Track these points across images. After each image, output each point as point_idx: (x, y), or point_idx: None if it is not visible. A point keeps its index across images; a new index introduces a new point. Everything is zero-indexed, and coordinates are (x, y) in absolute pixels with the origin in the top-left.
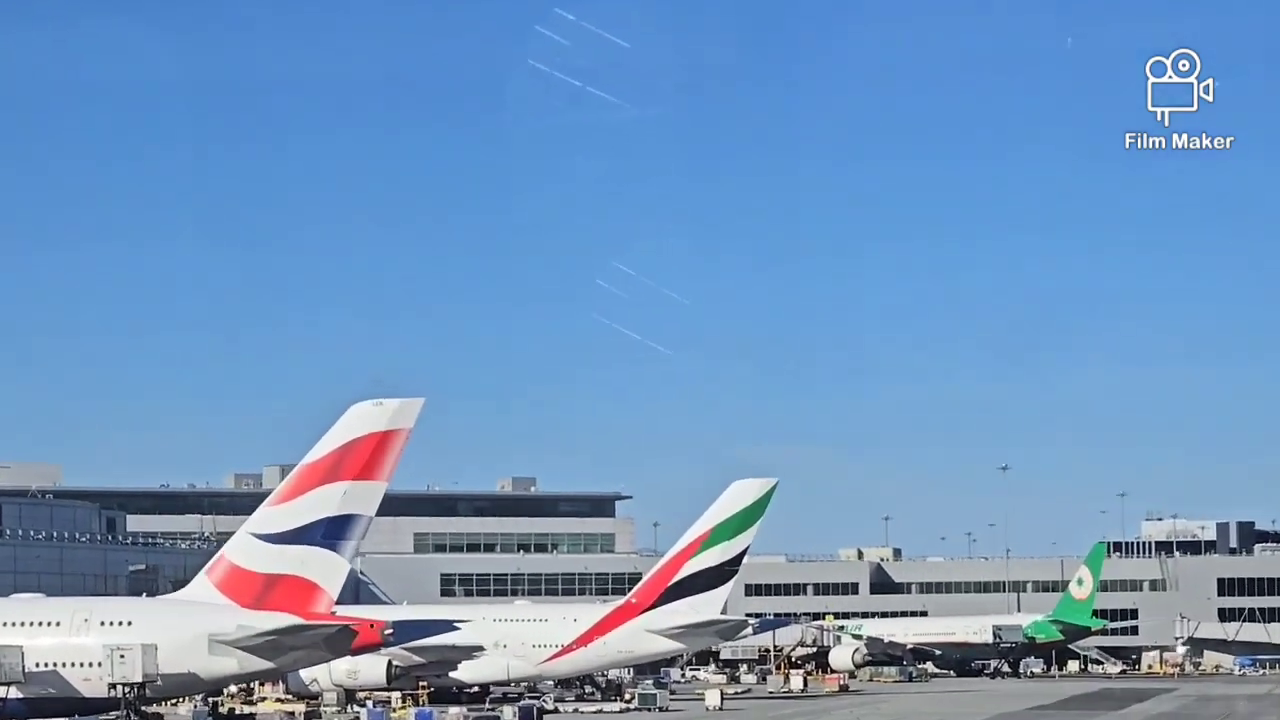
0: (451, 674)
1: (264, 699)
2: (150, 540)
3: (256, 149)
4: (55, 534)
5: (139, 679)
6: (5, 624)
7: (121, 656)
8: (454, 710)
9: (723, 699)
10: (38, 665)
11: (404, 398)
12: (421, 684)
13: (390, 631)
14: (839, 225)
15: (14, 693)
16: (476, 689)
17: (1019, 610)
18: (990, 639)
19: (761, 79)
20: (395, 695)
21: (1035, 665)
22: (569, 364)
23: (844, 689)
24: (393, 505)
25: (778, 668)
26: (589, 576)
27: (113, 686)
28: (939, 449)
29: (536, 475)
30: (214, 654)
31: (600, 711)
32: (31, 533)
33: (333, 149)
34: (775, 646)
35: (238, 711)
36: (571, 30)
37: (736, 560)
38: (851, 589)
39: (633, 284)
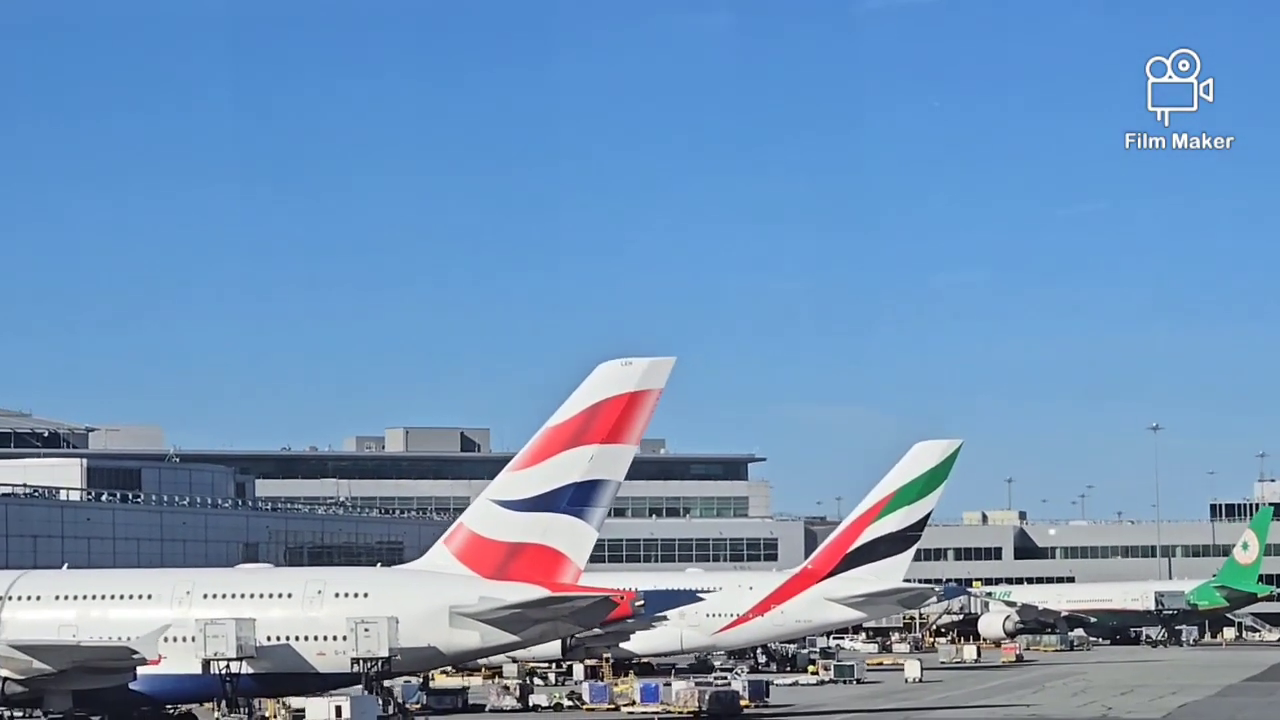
0: (624, 645)
1: (472, 671)
2: (289, 505)
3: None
4: (199, 500)
5: (385, 654)
6: (235, 595)
7: (366, 630)
8: (679, 685)
9: (922, 670)
10: (269, 639)
11: (654, 357)
12: (604, 656)
13: (642, 603)
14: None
15: (244, 668)
16: (646, 660)
17: (1170, 576)
18: (1151, 606)
19: None
20: (573, 665)
21: (1192, 633)
22: (696, 324)
23: (1019, 659)
24: None
25: (922, 637)
26: (724, 542)
27: (355, 662)
28: (1062, 408)
29: (665, 437)
30: (455, 627)
31: (796, 684)
32: (177, 498)
33: None
34: (920, 614)
35: (447, 685)
36: None
37: (919, 525)
38: (994, 554)
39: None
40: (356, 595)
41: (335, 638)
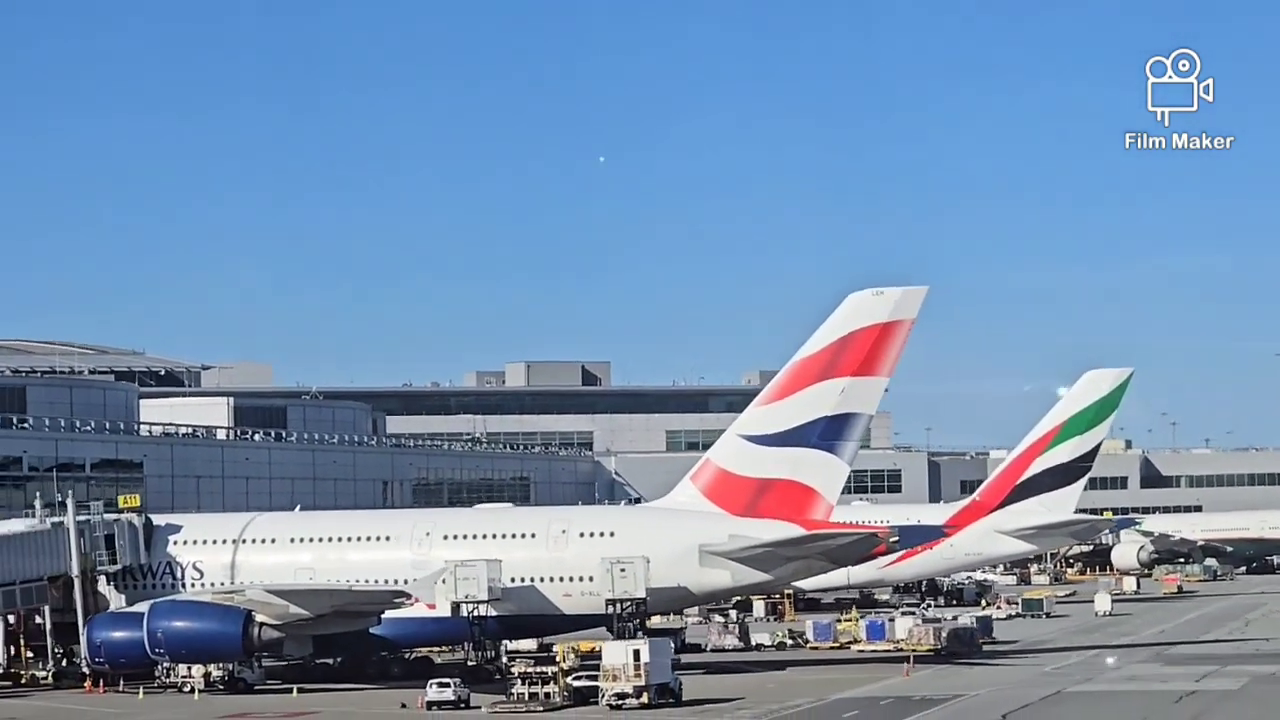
0: (793, 581)
1: None
2: (429, 441)
3: None
4: (345, 438)
5: (642, 595)
6: (477, 536)
7: (622, 570)
8: (905, 621)
9: (1112, 603)
10: (513, 580)
11: (905, 286)
12: (785, 593)
13: (896, 538)
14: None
15: (489, 610)
16: (813, 595)
17: None
18: None
19: None
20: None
21: None
22: (807, 258)
23: (1180, 590)
24: (643, 402)
25: (1055, 568)
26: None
27: (611, 603)
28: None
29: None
30: (705, 566)
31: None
32: (325, 437)
33: None
34: None
35: (662, 626)
36: None
37: (1090, 455)
38: (1120, 483)
39: None
40: (602, 534)
41: (582, 578)
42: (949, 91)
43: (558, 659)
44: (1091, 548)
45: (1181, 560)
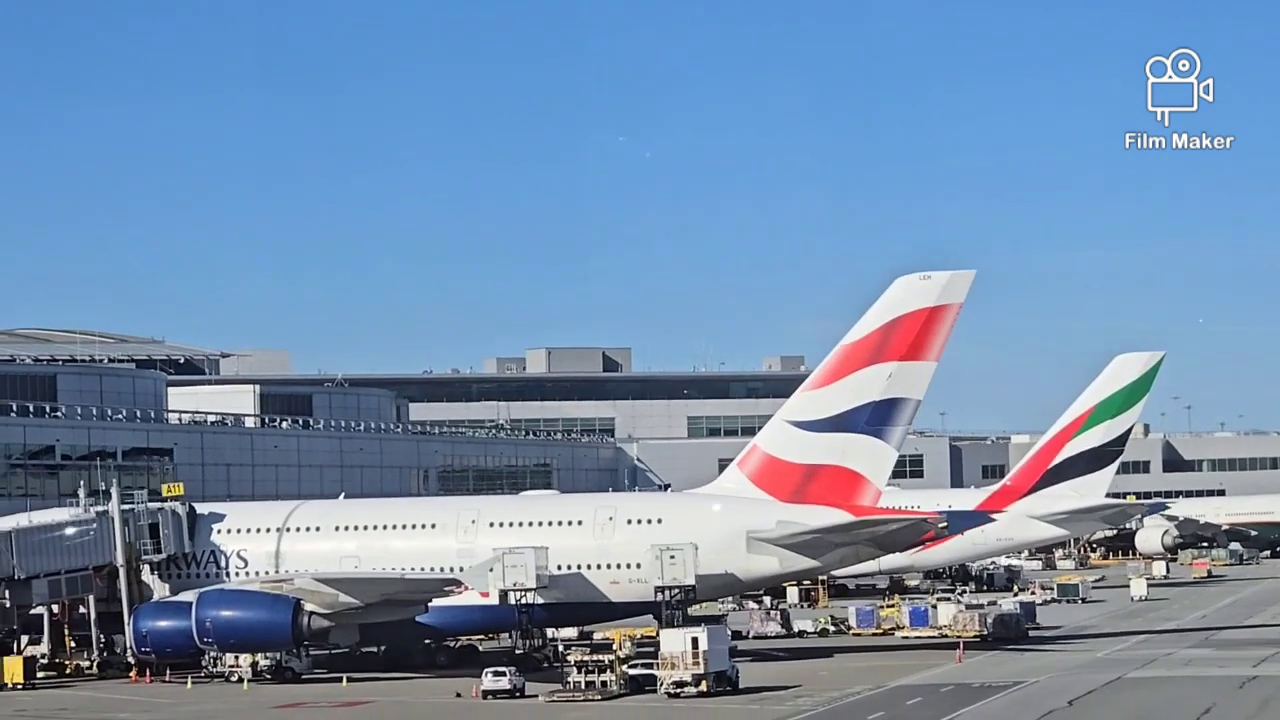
0: (841, 568)
1: None
2: (454, 428)
3: None
4: (371, 425)
5: (691, 582)
6: (522, 523)
7: (671, 557)
8: (946, 607)
9: (1148, 587)
10: (559, 568)
11: (953, 270)
12: (820, 579)
13: (945, 524)
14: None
15: (536, 598)
16: (841, 581)
17: None
18: None
19: None
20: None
21: None
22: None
23: (1210, 574)
24: (664, 388)
25: (1079, 552)
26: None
27: (660, 590)
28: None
29: (804, 353)
30: (753, 553)
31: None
32: (353, 424)
33: None
34: None
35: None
36: None
37: (1121, 440)
38: (1143, 467)
39: None
40: (649, 521)
41: (630, 565)
42: (948, 90)
43: (614, 647)
44: (1115, 532)
45: (1204, 545)
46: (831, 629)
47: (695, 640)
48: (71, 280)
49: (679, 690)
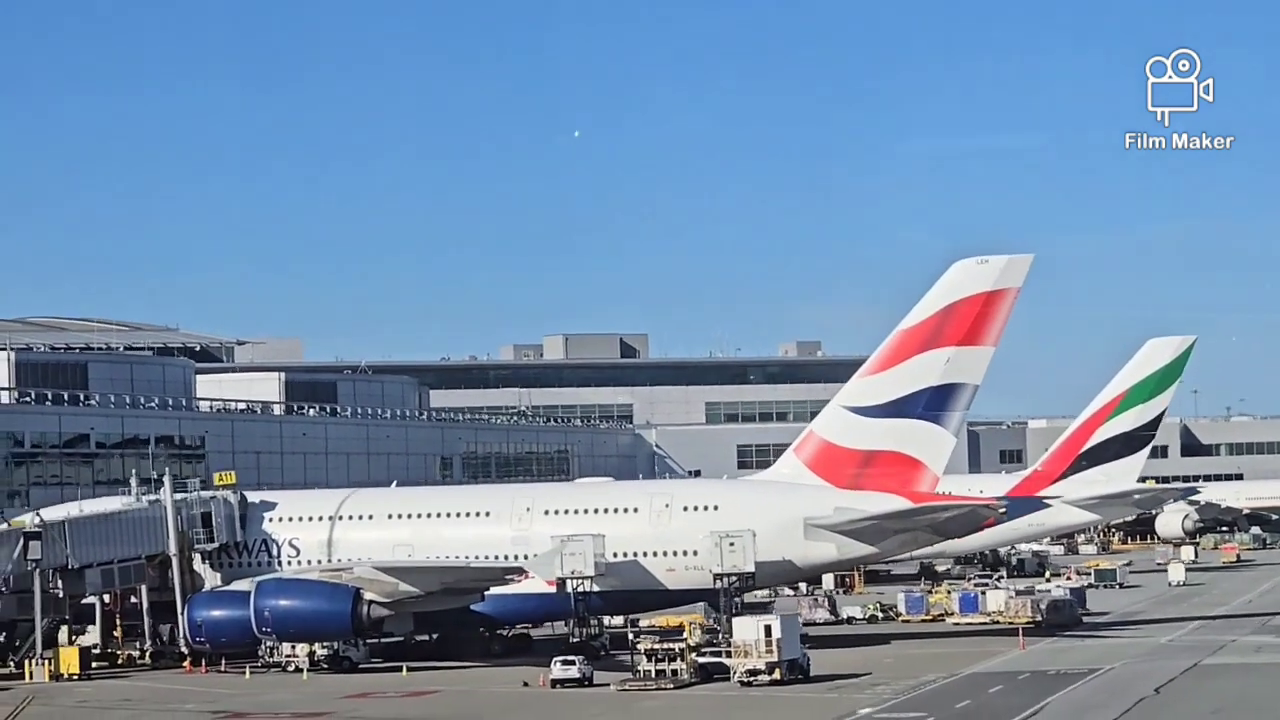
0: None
1: None
2: (476, 415)
3: None
4: (396, 412)
5: (750, 569)
6: (578, 511)
7: (731, 544)
8: (995, 593)
9: (1186, 573)
10: (615, 555)
11: (1010, 254)
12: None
13: (1004, 510)
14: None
15: (591, 586)
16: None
17: None
18: None
19: None
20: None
21: None
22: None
23: (1239, 559)
24: (682, 374)
25: (1101, 536)
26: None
27: (719, 578)
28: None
29: (821, 339)
30: (810, 539)
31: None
32: (378, 412)
33: None
34: None
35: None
36: None
37: (1153, 424)
38: (1161, 452)
39: None
40: (706, 509)
41: (686, 553)
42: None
43: (685, 635)
44: (1135, 516)
45: (1225, 529)
46: (880, 615)
47: (768, 628)
48: (76, 268)
49: (752, 679)
